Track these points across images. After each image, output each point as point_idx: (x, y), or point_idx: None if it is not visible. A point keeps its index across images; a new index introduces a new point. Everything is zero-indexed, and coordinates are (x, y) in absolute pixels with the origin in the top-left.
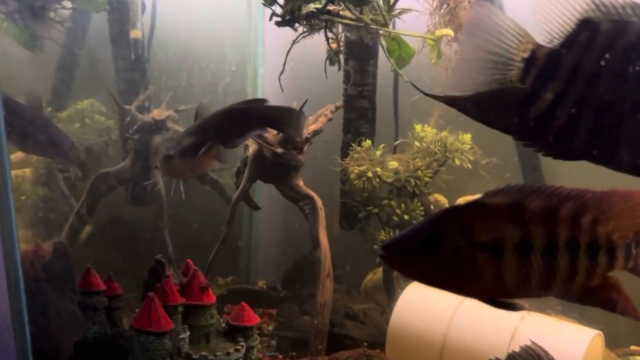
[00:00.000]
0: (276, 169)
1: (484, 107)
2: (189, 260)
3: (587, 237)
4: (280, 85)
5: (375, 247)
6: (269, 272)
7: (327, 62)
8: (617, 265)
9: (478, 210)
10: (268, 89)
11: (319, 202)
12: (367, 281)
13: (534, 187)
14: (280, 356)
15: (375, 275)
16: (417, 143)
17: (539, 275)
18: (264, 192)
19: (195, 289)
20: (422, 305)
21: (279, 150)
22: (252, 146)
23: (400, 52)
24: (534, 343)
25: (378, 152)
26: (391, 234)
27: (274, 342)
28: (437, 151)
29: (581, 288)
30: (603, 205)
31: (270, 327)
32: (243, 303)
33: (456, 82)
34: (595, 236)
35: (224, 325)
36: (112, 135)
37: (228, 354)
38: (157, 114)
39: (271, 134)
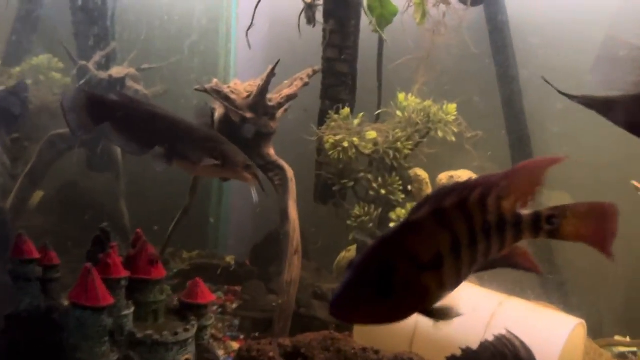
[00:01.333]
0: (245, 135)
1: (634, 111)
2: (138, 230)
3: (494, 216)
4: (248, 41)
5: (349, 222)
6: (239, 247)
7: (302, 17)
8: (524, 236)
9: (414, 231)
10: (242, 50)
11: (290, 173)
12: (340, 259)
13: (447, 187)
14: (242, 336)
15: (349, 252)
16: (399, 113)
17: (468, 265)
18: None
19: (143, 262)
20: None
21: (248, 115)
22: (218, 110)
23: (382, 10)
24: (509, 332)
25: (356, 121)
26: (366, 209)
27: (236, 322)
28: (419, 122)
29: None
30: (504, 182)
31: (234, 306)
32: (197, 279)
33: (600, 81)
34: (501, 213)
35: (176, 302)
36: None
37: (176, 333)
38: (115, 71)
39: (240, 96)
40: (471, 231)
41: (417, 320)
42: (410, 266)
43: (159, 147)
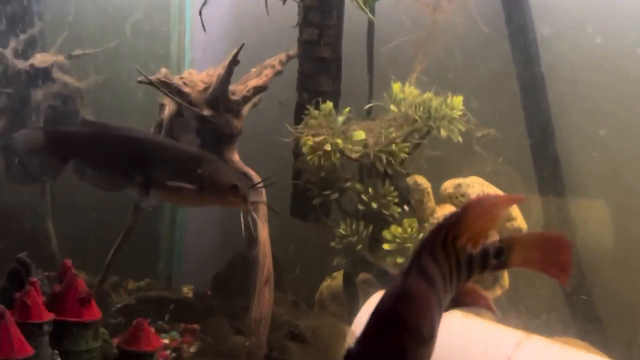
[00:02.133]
0: (202, 138)
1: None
2: (66, 261)
3: (451, 257)
4: (202, 21)
5: (333, 243)
6: (198, 275)
7: None
8: (474, 274)
9: (415, 303)
10: (199, 32)
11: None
12: (322, 289)
13: (422, 242)
14: None
15: (334, 280)
16: (393, 107)
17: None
18: None
19: (73, 301)
20: None
21: (206, 112)
22: (168, 106)
23: None
24: None
25: (341, 118)
26: (354, 226)
27: None
28: (419, 118)
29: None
30: (458, 220)
31: (193, 349)
32: (140, 321)
33: None
34: (456, 252)
35: (115, 350)
36: None
37: None
38: (39, 60)
39: (195, 89)
40: (442, 278)
41: None
42: (418, 345)
43: (139, 177)
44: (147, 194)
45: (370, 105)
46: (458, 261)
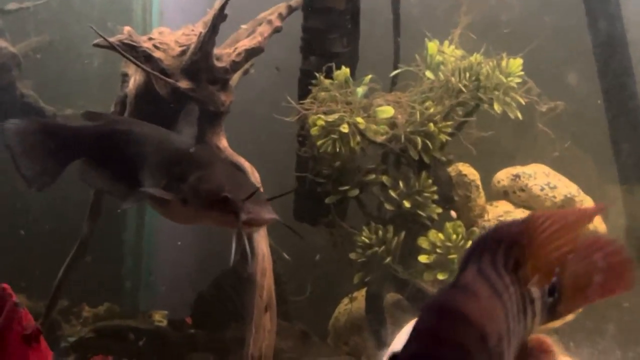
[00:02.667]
0: (179, 118)
1: None
2: (5, 285)
3: (515, 287)
4: None
5: (353, 255)
6: (174, 297)
7: None
8: (537, 321)
9: (476, 299)
10: None
11: (254, 176)
12: (338, 314)
13: (475, 246)
14: None
15: (354, 303)
16: (429, 74)
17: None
18: None
19: (15, 340)
20: None
21: (184, 84)
22: (133, 76)
23: None
24: None
25: (360, 90)
26: (380, 233)
27: None
28: (464, 88)
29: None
30: (522, 233)
31: None
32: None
33: None
34: (519, 282)
35: None
36: None
37: None
38: None
39: (169, 54)
40: (509, 302)
41: None
42: (482, 346)
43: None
44: (129, 196)
45: (397, 71)
46: (523, 297)
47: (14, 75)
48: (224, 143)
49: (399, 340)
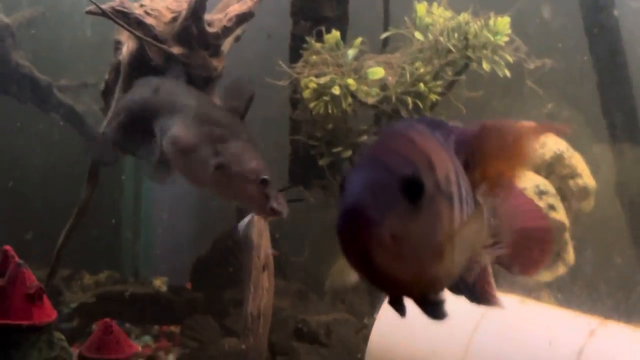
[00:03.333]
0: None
1: None
2: (7, 247)
3: (463, 176)
4: None
5: None
6: (173, 263)
7: None
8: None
9: (424, 136)
10: None
11: None
12: (334, 274)
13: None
14: None
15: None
16: (418, 35)
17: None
18: None
19: (19, 298)
20: (421, 316)
21: (176, 50)
22: (126, 43)
23: None
24: None
25: (351, 52)
26: None
27: None
28: (453, 47)
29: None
30: (472, 141)
31: (171, 356)
32: (107, 322)
33: None
34: (465, 176)
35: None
36: None
37: None
38: None
39: (161, 20)
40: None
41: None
42: (431, 177)
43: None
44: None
45: (387, 33)
46: (471, 192)
47: (9, 45)
48: None
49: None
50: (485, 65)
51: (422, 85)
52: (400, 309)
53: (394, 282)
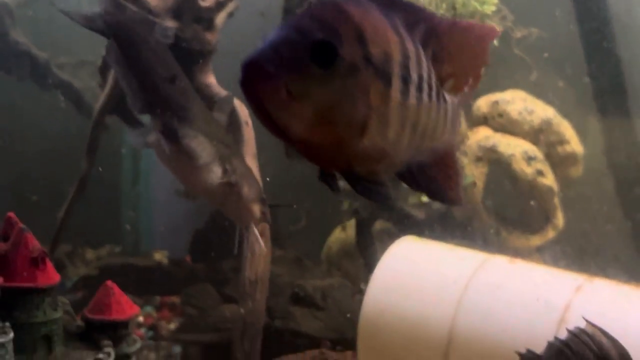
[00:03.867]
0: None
1: None
2: (10, 214)
3: (426, 66)
4: None
5: (342, 183)
6: (172, 236)
7: None
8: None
9: (363, 10)
10: None
11: (243, 111)
12: (331, 242)
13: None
14: None
15: (345, 231)
16: None
17: (412, 111)
18: None
19: (22, 261)
20: (413, 277)
21: (170, 23)
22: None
23: None
24: (591, 324)
25: None
26: None
27: (177, 350)
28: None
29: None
30: (444, 38)
31: (173, 325)
32: (109, 284)
33: None
34: (430, 77)
35: (79, 322)
36: None
37: None
38: None
39: None
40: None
41: (453, 327)
42: (358, 47)
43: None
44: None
45: None
46: (434, 84)
47: (7, 23)
48: (212, 80)
49: (384, 261)
50: None
51: None
52: (330, 183)
53: (307, 146)
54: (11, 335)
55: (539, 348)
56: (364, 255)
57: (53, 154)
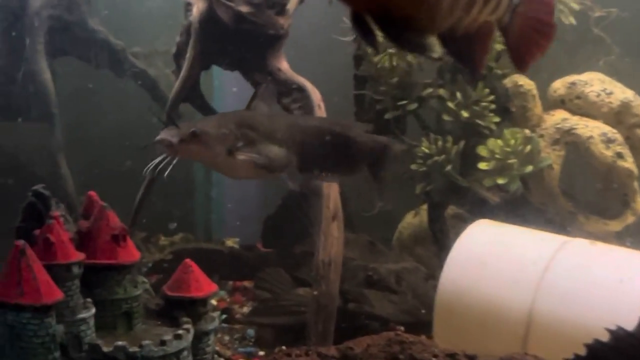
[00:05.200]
0: (242, 42)
1: None
2: (91, 193)
3: None
4: None
5: (414, 166)
6: (244, 223)
7: None
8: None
9: None
10: None
11: (315, 95)
12: (403, 227)
13: None
14: (261, 352)
15: (417, 216)
16: None
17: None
18: (229, 92)
19: (104, 239)
20: (490, 260)
21: (245, 8)
22: (197, 4)
23: None
24: None
25: None
26: (439, 143)
27: (250, 332)
28: None
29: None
30: None
31: (246, 309)
32: (188, 262)
33: None
34: None
35: (159, 300)
36: None
37: (163, 343)
38: None
39: None
40: None
41: (532, 309)
42: None
43: None
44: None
45: None
46: None
47: (85, 12)
48: (284, 65)
49: (460, 243)
50: None
51: None
52: (363, 29)
53: None
54: (93, 310)
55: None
56: (437, 240)
57: (128, 140)
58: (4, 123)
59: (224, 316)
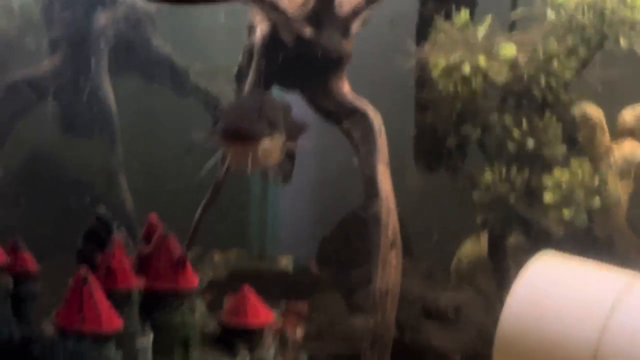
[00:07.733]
0: (303, 64)
1: None
2: (151, 216)
3: None
4: None
5: (476, 195)
6: (298, 243)
7: None
8: None
9: None
10: None
11: (376, 120)
12: (461, 255)
13: None
14: None
15: (476, 245)
16: (551, 12)
17: None
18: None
19: (165, 265)
20: (554, 296)
21: (307, 30)
22: (259, 26)
23: None
24: None
25: (482, 30)
26: (503, 172)
27: (303, 357)
28: (588, 25)
29: None
30: None
31: (299, 333)
32: (246, 288)
33: None
34: None
35: (215, 325)
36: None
37: None
38: None
39: (293, 2)
40: None
41: (597, 350)
42: None
43: None
44: None
45: (516, 12)
46: None
47: (150, 30)
48: (346, 89)
49: (523, 277)
50: (623, 42)
51: (555, 62)
52: None
53: None
54: (151, 336)
55: None
56: (497, 270)
57: (188, 161)
58: (69, 142)
59: (275, 339)
